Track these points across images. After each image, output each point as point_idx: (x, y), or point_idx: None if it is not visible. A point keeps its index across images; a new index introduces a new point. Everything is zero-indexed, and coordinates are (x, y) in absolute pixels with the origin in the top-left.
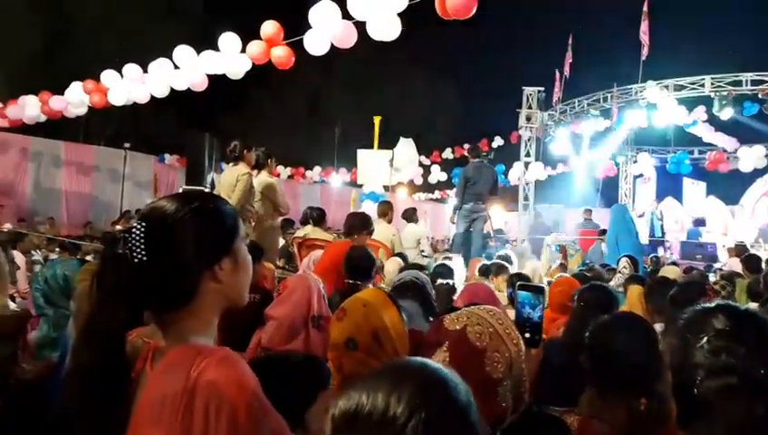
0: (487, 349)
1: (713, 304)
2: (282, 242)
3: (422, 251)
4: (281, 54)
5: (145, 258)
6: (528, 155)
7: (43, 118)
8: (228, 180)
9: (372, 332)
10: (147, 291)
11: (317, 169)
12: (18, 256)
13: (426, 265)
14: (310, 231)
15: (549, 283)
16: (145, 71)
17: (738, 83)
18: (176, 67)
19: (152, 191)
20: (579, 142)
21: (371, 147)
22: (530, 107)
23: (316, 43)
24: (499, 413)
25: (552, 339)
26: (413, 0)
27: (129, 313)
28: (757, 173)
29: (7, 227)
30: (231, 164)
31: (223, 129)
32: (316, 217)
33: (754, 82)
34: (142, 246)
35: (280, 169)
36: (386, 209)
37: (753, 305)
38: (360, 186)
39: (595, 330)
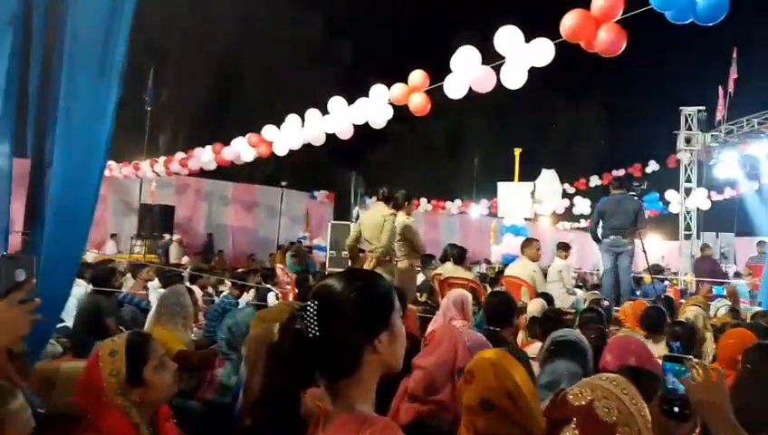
0: (618, 423)
1: None
2: (422, 277)
3: (566, 287)
4: (418, 102)
5: (318, 334)
6: (689, 180)
7: (214, 166)
8: (374, 220)
9: (506, 392)
10: (318, 362)
11: (457, 201)
12: (197, 292)
13: (573, 305)
14: (451, 269)
15: (717, 330)
16: (302, 120)
17: None
18: (325, 113)
19: (304, 225)
20: (749, 164)
21: (512, 179)
22: (689, 128)
23: (455, 89)
24: None
25: None
26: (557, 40)
27: (303, 377)
28: None
29: (186, 260)
30: (375, 199)
31: (368, 165)
32: (457, 255)
33: None
34: (315, 323)
35: (422, 201)
36: (526, 246)
37: None
38: (501, 218)
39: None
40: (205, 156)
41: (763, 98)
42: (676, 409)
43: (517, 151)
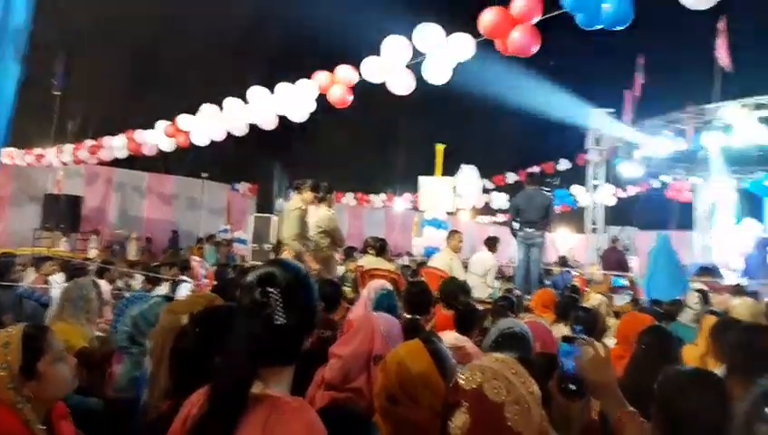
0: (506, 402)
1: None
2: (343, 269)
3: (486, 282)
4: (339, 94)
5: (285, 321)
6: (596, 177)
7: (126, 154)
8: (285, 214)
9: (405, 389)
10: (273, 349)
11: (381, 195)
12: (104, 286)
13: (491, 295)
14: (372, 261)
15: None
16: (222, 109)
17: None
18: (245, 102)
19: (226, 218)
20: (651, 164)
21: (434, 174)
22: (598, 129)
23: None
24: None
25: None
26: (479, 39)
27: (254, 365)
28: None
29: (94, 252)
30: (294, 193)
31: (293, 157)
32: (378, 247)
33: None
34: (281, 310)
35: (348, 195)
36: (447, 238)
37: None
38: (423, 211)
39: (666, 384)
40: (116, 144)
41: (665, 102)
42: (571, 387)
43: (439, 147)
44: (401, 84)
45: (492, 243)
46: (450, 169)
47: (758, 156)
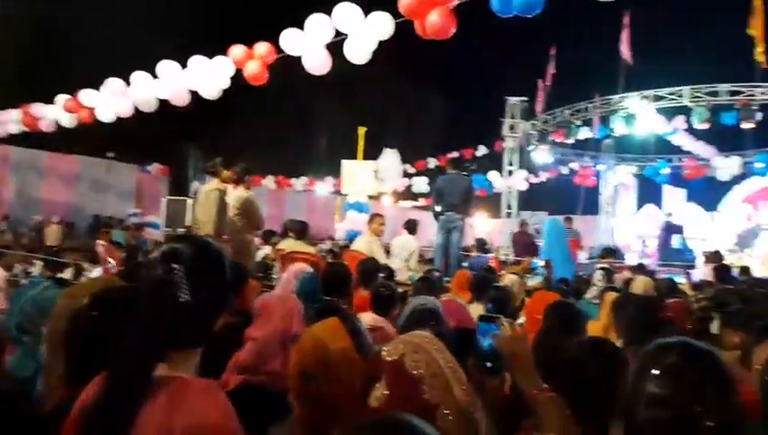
0: (425, 376)
1: (673, 340)
2: (262, 254)
3: (408, 265)
4: (255, 69)
5: (189, 298)
6: (511, 164)
7: (20, 129)
8: (200, 198)
9: (323, 367)
10: (180, 329)
11: (303, 178)
12: (0, 273)
13: (410, 277)
14: (293, 244)
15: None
16: (128, 84)
17: (715, 94)
18: (155, 77)
19: (135, 201)
20: (561, 151)
21: (356, 157)
22: (513, 117)
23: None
24: None
25: None
26: (399, 20)
27: (160, 347)
28: (736, 179)
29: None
30: (209, 178)
31: (208, 138)
32: (299, 229)
33: (731, 93)
34: (186, 288)
35: (269, 178)
36: (369, 222)
37: None
38: (345, 195)
39: (569, 353)
40: (9, 118)
41: (573, 92)
42: (488, 364)
43: (361, 130)
44: (318, 62)
45: (411, 226)
46: (372, 153)
47: (656, 145)
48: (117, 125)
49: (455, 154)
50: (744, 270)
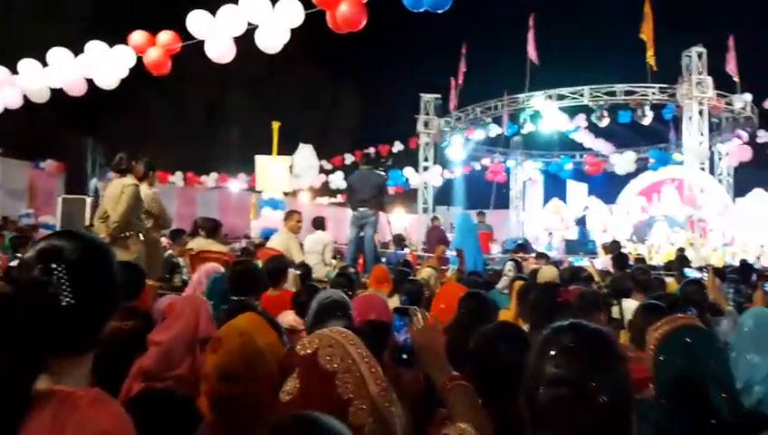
0: (338, 371)
1: (567, 323)
2: (169, 252)
3: (324, 259)
4: (156, 57)
5: (73, 302)
6: (427, 160)
7: None
8: (114, 193)
9: (248, 362)
10: (63, 334)
11: (213, 174)
12: None
13: (327, 274)
14: (203, 243)
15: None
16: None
17: (613, 93)
18: (45, 66)
19: (28, 200)
20: (474, 148)
21: (270, 152)
22: (427, 113)
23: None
24: (354, 433)
25: None
26: (310, 11)
27: (38, 354)
28: (633, 174)
29: None
30: (118, 176)
31: (110, 132)
32: (209, 228)
33: (627, 93)
34: (68, 289)
35: (177, 175)
36: (285, 219)
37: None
38: (260, 192)
39: (478, 339)
40: None
41: (484, 90)
42: (404, 356)
43: (275, 125)
44: (221, 50)
45: (320, 223)
46: (287, 149)
47: (560, 141)
48: (4, 117)
49: (371, 150)
50: (640, 259)
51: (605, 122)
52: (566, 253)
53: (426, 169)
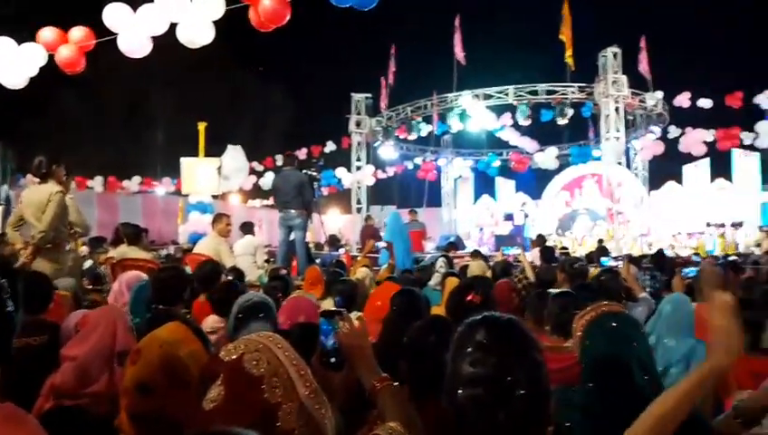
0: (265, 375)
1: (479, 317)
2: (89, 262)
3: (255, 261)
4: (68, 55)
5: (13, 310)
6: (359, 159)
7: None
8: (38, 199)
9: (168, 373)
10: None
11: (136, 178)
12: None
13: (259, 278)
14: (125, 251)
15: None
16: None
17: (535, 93)
18: None
19: None
20: (406, 147)
21: (197, 154)
22: (359, 113)
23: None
24: None
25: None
26: (232, 6)
27: None
28: (558, 169)
29: None
30: (38, 181)
31: (23, 136)
32: (131, 234)
33: (548, 92)
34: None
35: (97, 179)
36: (214, 222)
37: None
38: (187, 196)
39: (411, 334)
40: None
41: (414, 90)
42: (332, 360)
43: (202, 125)
44: (134, 44)
45: (248, 228)
46: (215, 150)
47: (488, 139)
48: None
49: (303, 150)
50: (565, 251)
51: (528, 120)
52: (496, 248)
53: (358, 168)
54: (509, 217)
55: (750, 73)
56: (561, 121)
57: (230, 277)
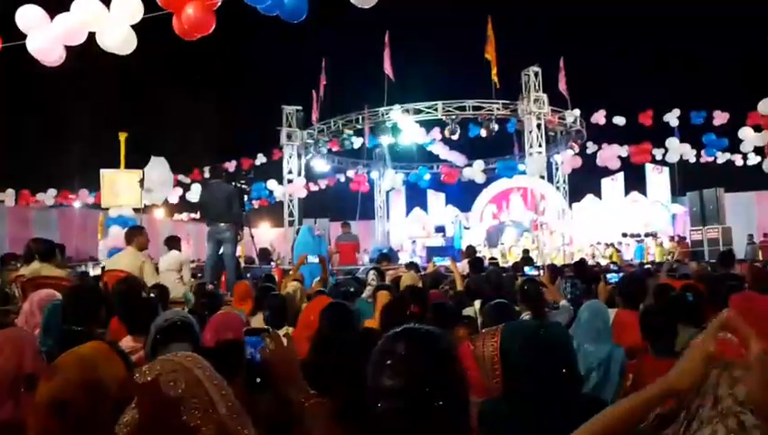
0: (184, 397)
1: (399, 330)
2: None
3: (181, 277)
4: None
5: None
6: (291, 172)
7: None
8: None
9: (85, 391)
10: None
11: (51, 191)
12: None
13: (183, 295)
14: (38, 268)
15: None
16: None
17: (463, 108)
18: None
19: None
20: (338, 159)
21: (117, 166)
22: (290, 125)
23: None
24: None
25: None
26: (152, 14)
27: None
28: (486, 183)
29: None
30: None
31: None
32: (44, 250)
33: (476, 108)
34: None
35: (8, 192)
36: (133, 235)
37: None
38: (107, 209)
39: (343, 349)
40: None
41: (345, 103)
42: (257, 379)
43: (122, 136)
44: (43, 45)
45: (174, 243)
46: (137, 161)
47: (419, 153)
48: None
49: (233, 163)
50: (494, 262)
51: (456, 135)
52: (427, 260)
53: (290, 181)
54: (440, 229)
55: (660, 93)
56: (488, 136)
57: (152, 295)
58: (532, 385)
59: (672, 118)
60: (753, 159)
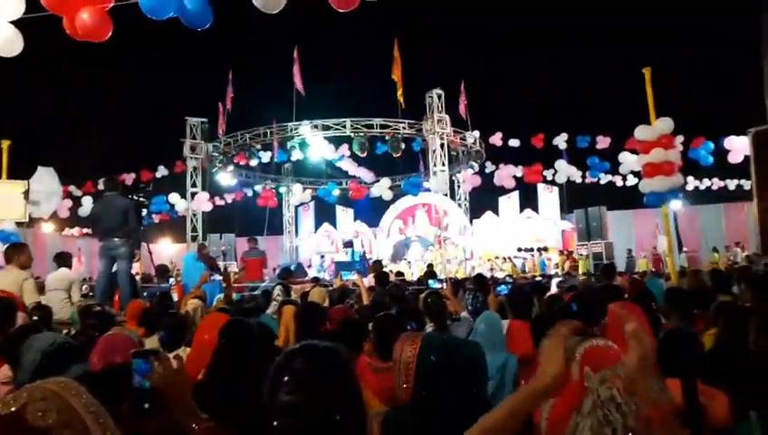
0: (56, 427)
1: (297, 346)
2: None
3: (69, 297)
4: None
5: None
6: (195, 185)
7: None
8: None
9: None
10: None
11: None
12: None
13: (70, 317)
14: None
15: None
16: None
17: (371, 126)
18: None
19: None
20: (246, 173)
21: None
22: (194, 137)
23: None
24: None
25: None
26: (41, 14)
27: None
28: (393, 200)
29: None
30: None
31: None
32: None
33: (383, 126)
34: None
35: None
36: (14, 253)
37: None
38: None
39: (239, 369)
40: None
41: (253, 117)
42: (145, 404)
43: (5, 144)
44: None
45: (64, 260)
46: (21, 172)
47: (329, 169)
48: None
49: (131, 175)
50: (399, 275)
51: (364, 152)
52: (335, 274)
53: (193, 195)
54: (348, 244)
55: (550, 117)
56: (395, 154)
57: (34, 317)
58: (442, 398)
59: (560, 141)
60: (632, 180)
